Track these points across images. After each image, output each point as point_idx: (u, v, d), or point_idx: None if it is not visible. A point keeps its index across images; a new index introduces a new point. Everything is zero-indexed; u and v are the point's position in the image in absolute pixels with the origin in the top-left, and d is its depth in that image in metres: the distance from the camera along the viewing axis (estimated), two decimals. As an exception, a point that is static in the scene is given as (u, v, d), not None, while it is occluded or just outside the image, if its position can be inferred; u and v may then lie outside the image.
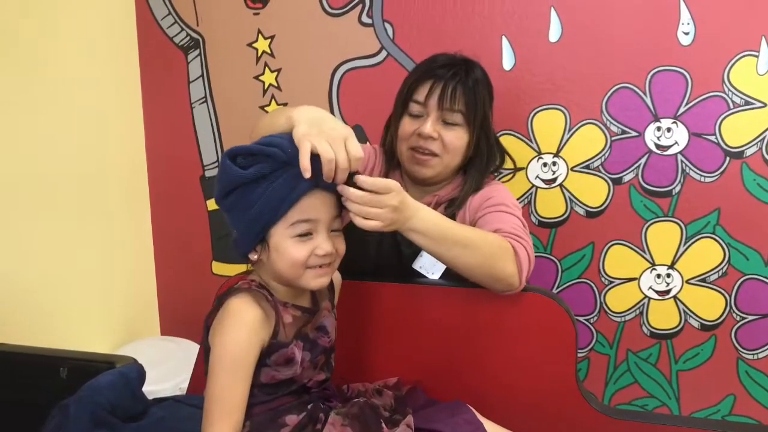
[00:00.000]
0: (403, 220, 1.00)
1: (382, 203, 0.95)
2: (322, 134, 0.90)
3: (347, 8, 1.87)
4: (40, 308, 1.73)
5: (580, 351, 1.87)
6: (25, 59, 1.66)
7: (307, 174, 0.87)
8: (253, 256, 0.95)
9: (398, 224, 1.00)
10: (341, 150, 0.89)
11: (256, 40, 1.97)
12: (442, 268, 1.26)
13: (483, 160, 1.37)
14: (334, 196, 0.94)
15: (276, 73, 1.97)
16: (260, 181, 0.89)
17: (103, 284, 2.00)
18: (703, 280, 1.75)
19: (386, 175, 1.42)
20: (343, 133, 0.92)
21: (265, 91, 1.99)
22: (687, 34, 1.65)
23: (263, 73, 1.98)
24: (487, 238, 1.13)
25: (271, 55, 1.97)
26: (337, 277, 1.11)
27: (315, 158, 0.88)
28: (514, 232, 1.18)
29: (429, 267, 1.31)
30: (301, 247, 0.92)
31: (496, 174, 1.54)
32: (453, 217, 1.32)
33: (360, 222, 0.95)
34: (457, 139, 1.31)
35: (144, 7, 2.05)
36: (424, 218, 1.04)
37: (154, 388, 1.63)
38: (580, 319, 1.85)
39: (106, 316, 2.03)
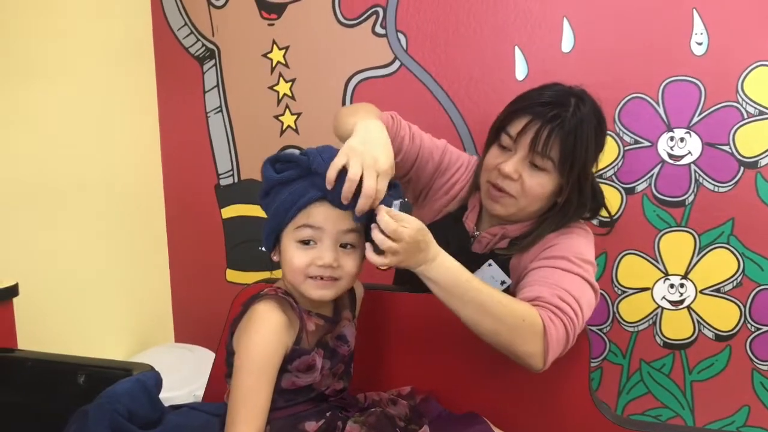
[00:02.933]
0: (413, 263, 0.96)
1: (385, 244, 0.91)
2: (363, 156, 0.91)
3: (361, 19, 1.89)
4: (57, 315, 1.76)
5: (593, 361, 1.86)
6: (41, 69, 1.69)
7: (330, 185, 0.90)
8: (274, 257, 0.99)
9: (407, 266, 0.96)
10: (371, 178, 0.90)
11: (271, 51, 1.99)
12: None
13: (569, 210, 1.20)
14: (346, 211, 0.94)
15: (290, 83, 1.99)
16: (287, 185, 0.94)
17: (119, 291, 2.02)
18: (717, 291, 1.75)
19: (468, 194, 1.31)
20: (382, 166, 0.92)
21: (279, 101, 2.01)
22: (700, 44, 1.65)
23: (278, 83, 2.00)
24: (511, 308, 1.00)
25: (286, 65, 1.99)
26: (359, 289, 1.12)
27: (343, 175, 0.90)
28: (556, 304, 1.04)
29: None
30: (302, 253, 0.93)
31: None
32: (508, 260, 1.23)
33: (367, 254, 0.94)
34: (539, 185, 1.16)
35: (160, 17, 2.08)
36: (438, 267, 0.97)
37: (168, 395, 1.63)
38: (593, 328, 1.85)
39: (121, 323, 2.05)
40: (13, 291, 1.36)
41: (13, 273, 1.44)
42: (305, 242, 0.94)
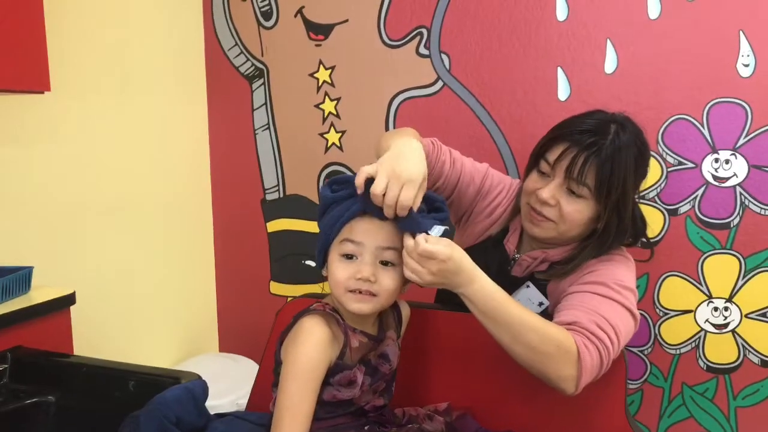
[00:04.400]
0: (452, 285, 0.99)
1: (420, 263, 0.95)
2: (391, 170, 0.96)
3: (406, 40, 1.93)
4: (110, 323, 1.83)
5: (634, 382, 1.84)
6: (97, 88, 1.77)
7: (359, 190, 0.96)
8: (324, 272, 1.04)
9: (446, 287, 1.00)
10: (394, 189, 0.94)
11: (318, 70, 2.05)
12: None
13: (608, 236, 1.19)
14: (387, 228, 0.98)
15: (335, 102, 2.04)
16: (339, 203, 1.00)
17: (167, 302, 2.10)
18: (764, 315, 1.71)
19: (509, 217, 1.34)
20: (406, 177, 0.96)
21: (324, 119, 2.07)
22: (747, 66, 1.63)
23: (323, 102, 2.06)
24: (546, 335, 1.01)
25: (332, 84, 2.04)
26: (406, 310, 1.15)
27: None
28: (592, 330, 1.04)
29: None
30: (344, 267, 0.98)
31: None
32: (546, 283, 1.24)
33: (404, 272, 0.98)
34: (576, 212, 1.17)
35: (212, 38, 2.17)
36: (477, 289, 0.99)
37: (212, 402, 1.67)
38: (634, 350, 1.83)
39: (169, 332, 2.12)
40: (70, 299, 1.43)
41: (71, 282, 1.52)
42: (348, 257, 0.98)
